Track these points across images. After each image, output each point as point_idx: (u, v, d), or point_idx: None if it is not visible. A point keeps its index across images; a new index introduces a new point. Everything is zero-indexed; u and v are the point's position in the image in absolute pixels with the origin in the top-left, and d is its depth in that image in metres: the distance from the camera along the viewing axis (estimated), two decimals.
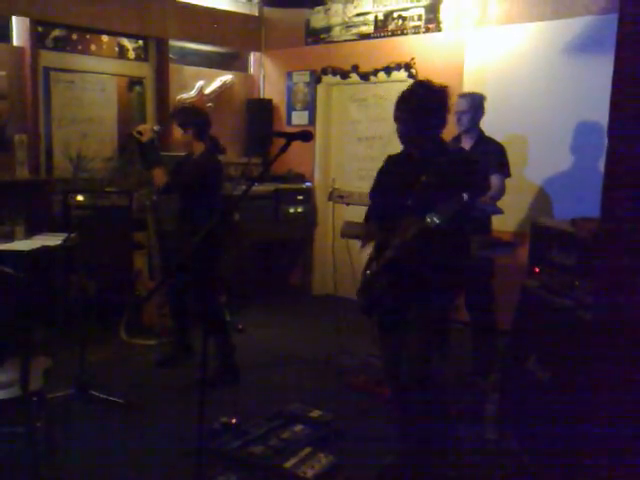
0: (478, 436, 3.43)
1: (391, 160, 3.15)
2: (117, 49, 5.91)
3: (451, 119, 3.21)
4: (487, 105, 4.37)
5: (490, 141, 4.36)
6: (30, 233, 4.65)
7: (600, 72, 3.77)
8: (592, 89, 4.59)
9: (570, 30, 4.83)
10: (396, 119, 2.98)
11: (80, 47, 5.65)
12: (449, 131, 4.53)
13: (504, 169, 4.29)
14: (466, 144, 4.35)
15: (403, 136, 2.98)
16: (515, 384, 3.30)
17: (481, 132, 4.37)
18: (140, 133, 4.12)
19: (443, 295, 2.98)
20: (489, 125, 4.45)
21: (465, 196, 2.61)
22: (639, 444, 2.18)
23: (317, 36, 6.41)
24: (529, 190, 5.09)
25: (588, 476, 2.33)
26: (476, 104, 4.32)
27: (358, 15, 6.09)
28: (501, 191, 4.25)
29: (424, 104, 2.90)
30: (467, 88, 5.18)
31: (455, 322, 4.70)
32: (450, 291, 3.05)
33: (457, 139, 4.40)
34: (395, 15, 5.84)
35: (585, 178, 4.70)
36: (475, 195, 2.74)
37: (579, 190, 4.70)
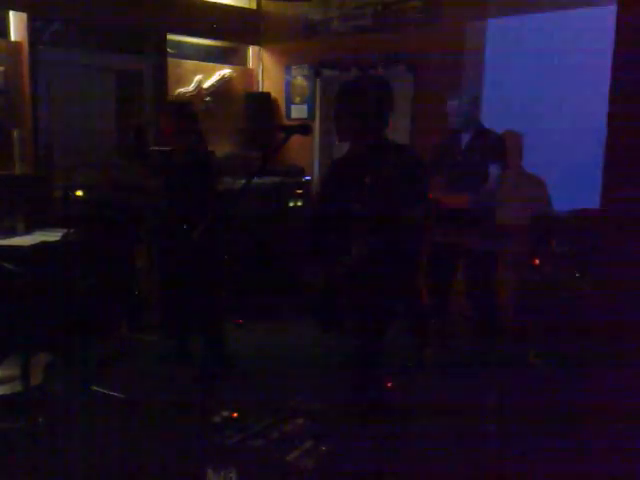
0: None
1: (336, 164, 3.01)
2: (115, 43, 5.89)
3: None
4: (486, 97, 4.37)
5: (488, 133, 4.36)
6: (30, 228, 4.64)
7: (598, 64, 3.75)
8: (590, 81, 4.58)
9: (571, 21, 4.82)
10: (334, 115, 2.84)
11: (78, 42, 5.63)
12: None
13: (502, 160, 4.29)
14: (464, 138, 4.35)
15: (342, 133, 2.84)
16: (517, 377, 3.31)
17: (479, 124, 4.37)
18: (142, 127, 4.16)
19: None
20: (488, 117, 4.44)
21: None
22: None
23: (316, 29, 6.39)
24: (527, 182, 5.08)
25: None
26: (471, 101, 4.30)
27: (356, 8, 6.07)
28: (499, 182, 4.25)
29: (364, 98, 2.76)
30: (466, 81, 5.18)
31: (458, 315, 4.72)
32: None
33: (455, 134, 4.39)
34: (394, 7, 5.82)
35: (582, 170, 4.69)
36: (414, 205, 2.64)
37: (577, 182, 4.69)
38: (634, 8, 2.14)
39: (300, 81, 6.58)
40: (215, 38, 6.60)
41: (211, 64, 6.61)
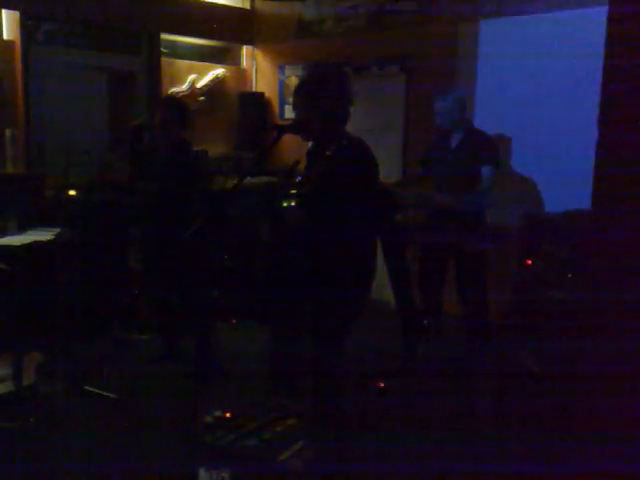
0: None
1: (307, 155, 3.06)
2: (108, 43, 5.87)
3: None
4: (479, 98, 4.36)
5: (479, 133, 4.36)
6: (22, 228, 4.62)
7: (589, 64, 3.76)
8: (582, 82, 4.59)
9: (563, 23, 4.83)
10: (293, 106, 2.90)
11: (71, 41, 5.62)
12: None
13: (495, 161, 4.29)
14: (455, 139, 4.35)
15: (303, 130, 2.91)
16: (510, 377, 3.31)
17: (469, 125, 4.36)
18: (142, 127, 4.14)
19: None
20: (481, 117, 4.44)
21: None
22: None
23: (309, 29, 6.39)
24: (518, 182, 5.09)
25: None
26: (457, 102, 4.29)
27: (350, 8, 6.07)
28: (492, 183, 4.26)
29: (318, 89, 2.81)
30: (460, 81, 5.18)
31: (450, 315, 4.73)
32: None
33: (446, 135, 4.39)
34: (387, 8, 5.82)
35: (573, 171, 4.70)
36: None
37: (568, 183, 4.70)
38: (625, 8, 2.15)
39: (294, 81, 6.57)
40: (209, 38, 6.59)
41: (205, 64, 6.60)
